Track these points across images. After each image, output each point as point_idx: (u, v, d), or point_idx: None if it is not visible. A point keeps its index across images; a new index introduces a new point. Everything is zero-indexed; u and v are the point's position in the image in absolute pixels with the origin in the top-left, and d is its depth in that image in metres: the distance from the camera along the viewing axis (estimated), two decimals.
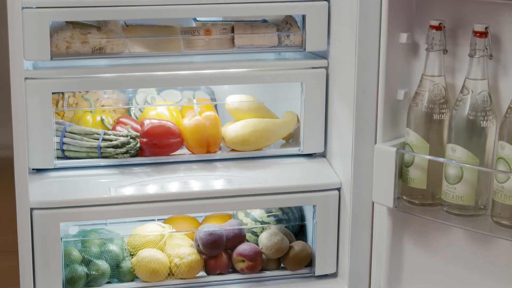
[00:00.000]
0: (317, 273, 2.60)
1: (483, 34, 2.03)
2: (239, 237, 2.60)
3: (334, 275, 2.61)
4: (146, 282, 2.50)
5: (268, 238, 2.60)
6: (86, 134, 2.53)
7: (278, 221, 2.68)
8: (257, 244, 2.62)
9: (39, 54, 2.38)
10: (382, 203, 2.26)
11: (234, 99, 2.69)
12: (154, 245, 2.55)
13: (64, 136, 2.51)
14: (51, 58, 2.39)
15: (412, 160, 2.19)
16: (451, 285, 2.24)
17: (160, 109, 2.65)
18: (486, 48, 2.04)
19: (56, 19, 2.40)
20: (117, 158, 2.52)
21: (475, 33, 2.04)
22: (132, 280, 2.51)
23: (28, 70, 2.41)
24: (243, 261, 2.58)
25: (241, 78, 2.58)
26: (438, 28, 2.11)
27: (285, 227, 2.69)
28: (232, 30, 2.54)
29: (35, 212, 2.34)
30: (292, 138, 2.74)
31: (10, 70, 2.20)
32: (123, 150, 2.51)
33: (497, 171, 2.05)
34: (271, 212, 2.68)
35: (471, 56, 2.05)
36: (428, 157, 2.16)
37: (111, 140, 2.52)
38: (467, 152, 2.09)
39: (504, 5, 2.04)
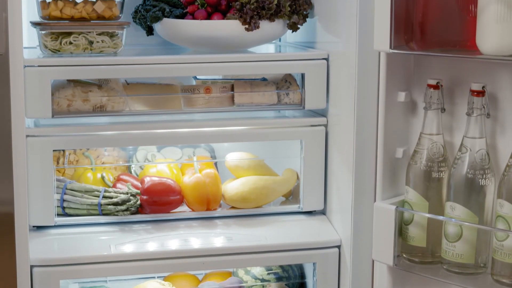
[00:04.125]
0: None
1: (480, 93, 2.05)
2: None
3: None
4: None
5: None
6: (87, 191, 2.54)
7: (279, 278, 2.67)
8: None
9: (40, 111, 2.39)
10: (382, 261, 2.25)
11: (234, 156, 2.70)
12: None
13: (65, 193, 2.52)
14: (53, 116, 2.41)
15: (412, 218, 2.20)
16: None
17: (160, 166, 2.66)
18: (484, 106, 2.05)
19: (58, 78, 2.43)
20: (117, 215, 2.52)
21: (472, 92, 2.05)
22: None
23: (29, 127, 2.43)
24: None
25: (241, 136, 2.59)
26: (436, 87, 2.13)
27: (285, 284, 2.68)
28: (232, 88, 2.56)
29: (35, 269, 2.34)
30: (292, 196, 2.74)
31: (11, 127, 2.21)
32: (124, 207, 2.51)
33: (496, 229, 2.05)
34: (271, 269, 2.67)
35: (468, 114, 2.07)
36: (428, 215, 2.17)
37: (111, 197, 2.52)
38: (466, 210, 2.09)
39: (500, 64, 2.06)
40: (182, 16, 2.57)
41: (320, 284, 2.55)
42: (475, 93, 2.05)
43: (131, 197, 2.52)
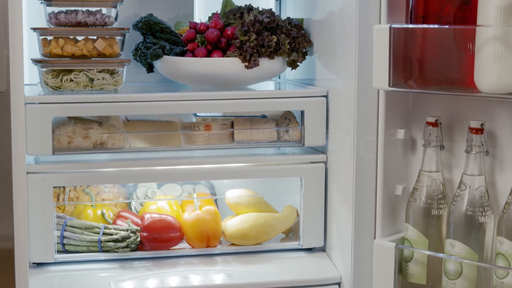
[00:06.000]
0: None
1: (479, 131, 2.06)
2: None
3: None
4: None
5: None
6: (87, 228, 2.54)
7: None
8: None
9: (41, 148, 2.40)
10: None
11: (233, 193, 2.70)
12: None
13: (65, 230, 2.52)
14: (53, 153, 2.42)
15: (411, 256, 2.20)
16: None
17: (160, 203, 2.66)
18: (482, 144, 2.06)
19: (58, 115, 2.44)
20: (117, 252, 2.52)
21: (471, 129, 2.07)
22: None
23: (30, 164, 2.43)
24: None
25: (241, 173, 2.60)
26: (435, 124, 2.14)
27: None
28: (232, 126, 2.57)
29: None
30: (291, 232, 2.74)
31: (12, 164, 2.22)
32: (124, 244, 2.51)
33: (496, 267, 2.04)
34: None
35: (467, 152, 2.08)
36: (427, 252, 2.17)
37: (111, 234, 2.52)
38: (466, 247, 2.09)
39: (498, 102, 2.08)
40: (182, 54, 2.58)
41: None
42: (474, 131, 2.06)
43: (131, 234, 2.52)
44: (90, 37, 2.50)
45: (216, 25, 2.60)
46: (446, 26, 2.07)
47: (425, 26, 2.10)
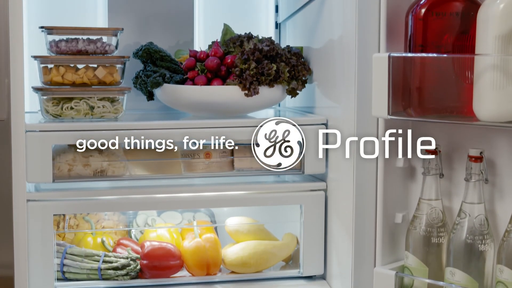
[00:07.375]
0: None
1: (478, 159, 2.06)
2: None
3: None
4: None
5: None
6: (87, 256, 2.53)
7: None
8: None
9: (41, 176, 2.40)
10: None
11: (233, 221, 2.70)
12: None
13: (65, 258, 2.52)
14: (53, 181, 2.42)
15: (412, 284, 2.19)
16: None
17: (160, 231, 2.66)
18: (482, 172, 2.07)
19: (59, 143, 2.44)
20: (117, 280, 2.51)
21: (470, 157, 2.07)
22: None
23: (30, 192, 2.43)
24: None
25: (241, 201, 2.60)
26: (434, 152, 2.15)
27: None
28: (232, 153, 2.58)
29: None
30: (291, 260, 2.74)
31: (12, 191, 2.22)
32: (124, 272, 2.51)
33: None
34: None
35: (467, 180, 2.08)
36: (428, 280, 2.16)
37: (111, 262, 2.52)
38: (466, 275, 2.09)
39: (497, 130, 2.08)
40: (182, 82, 2.59)
41: None
42: (473, 159, 2.07)
43: (131, 262, 2.52)
44: (90, 65, 2.52)
45: (216, 53, 2.61)
46: (445, 55, 2.08)
47: (423, 55, 2.11)
